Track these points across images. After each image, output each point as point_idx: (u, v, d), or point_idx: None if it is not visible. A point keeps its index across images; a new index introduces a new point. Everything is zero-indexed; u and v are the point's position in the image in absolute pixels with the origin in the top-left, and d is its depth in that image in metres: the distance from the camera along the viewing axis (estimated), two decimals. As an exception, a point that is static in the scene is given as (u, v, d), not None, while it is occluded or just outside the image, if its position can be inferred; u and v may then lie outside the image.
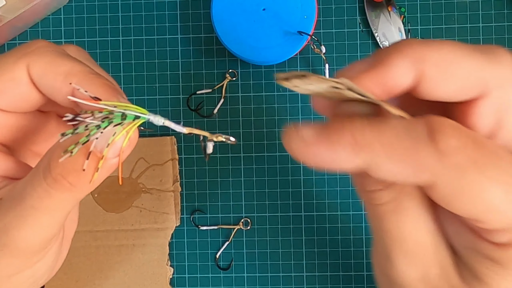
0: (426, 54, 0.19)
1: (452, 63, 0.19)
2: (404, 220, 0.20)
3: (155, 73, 0.53)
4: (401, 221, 0.20)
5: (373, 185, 0.20)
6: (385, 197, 0.20)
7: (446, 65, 0.19)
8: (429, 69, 0.19)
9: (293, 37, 0.49)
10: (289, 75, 0.19)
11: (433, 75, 0.19)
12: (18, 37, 0.54)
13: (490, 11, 0.52)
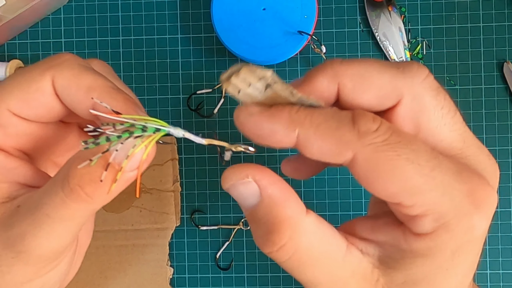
0: (342, 70, 0.23)
1: (364, 76, 0.23)
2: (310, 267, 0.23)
3: (155, 73, 0.53)
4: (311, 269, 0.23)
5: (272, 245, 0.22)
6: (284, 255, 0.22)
7: (359, 78, 0.23)
8: (344, 81, 0.23)
9: (293, 37, 0.49)
10: (230, 72, 0.22)
11: (348, 85, 0.23)
12: (17, 37, 0.54)
13: (491, 11, 0.52)
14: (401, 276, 0.23)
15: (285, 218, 0.22)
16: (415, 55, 0.52)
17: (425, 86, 0.23)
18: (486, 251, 0.51)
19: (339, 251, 0.23)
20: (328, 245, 0.23)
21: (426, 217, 0.22)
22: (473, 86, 0.52)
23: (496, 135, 0.51)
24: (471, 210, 0.22)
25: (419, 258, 0.22)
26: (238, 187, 0.23)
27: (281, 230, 0.22)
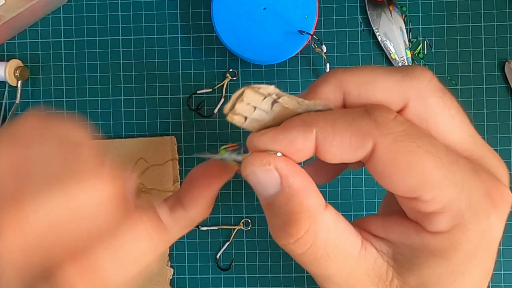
0: (346, 79, 0.23)
1: (369, 82, 0.23)
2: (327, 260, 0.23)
3: (155, 73, 0.53)
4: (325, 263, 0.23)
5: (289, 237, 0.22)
6: (301, 248, 0.22)
7: (364, 85, 0.23)
8: (349, 89, 0.23)
9: (294, 37, 0.49)
10: (232, 101, 0.22)
11: (353, 93, 0.23)
12: (17, 37, 0.54)
13: (492, 10, 0.51)
14: (414, 277, 0.22)
15: (305, 209, 0.22)
16: (416, 55, 0.52)
17: (430, 89, 0.23)
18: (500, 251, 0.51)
19: (354, 248, 0.23)
20: (345, 241, 0.22)
21: (443, 214, 0.21)
22: (475, 86, 0.52)
23: (498, 135, 0.51)
24: (489, 210, 0.21)
25: (433, 258, 0.22)
26: (258, 173, 0.22)
27: (300, 221, 0.22)
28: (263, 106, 0.22)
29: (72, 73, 0.54)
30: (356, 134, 0.21)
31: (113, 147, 0.52)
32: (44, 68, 0.54)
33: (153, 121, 0.53)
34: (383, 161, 0.21)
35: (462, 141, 0.23)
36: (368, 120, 0.21)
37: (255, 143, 0.22)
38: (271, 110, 0.22)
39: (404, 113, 0.23)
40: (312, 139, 0.21)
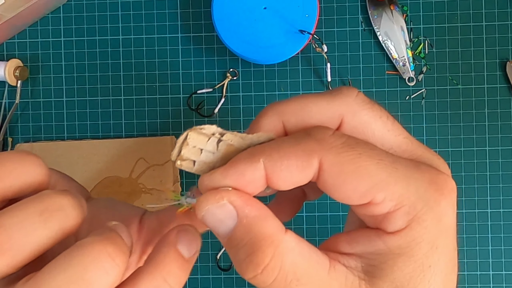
0: (283, 109, 0.25)
1: (301, 108, 0.25)
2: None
3: (155, 72, 0.53)
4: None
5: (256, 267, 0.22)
6: (270, 277, 0.22)
7: (299, 111, 0.25)
8: (287, 118, 0.25)
9: (295, 36, 0.48)
10: (178, 147, 0.23)
11: (291, 120, 0.25)
12: (17, 36, 0.54)
13: (494, 10, 0.51)
14: (387, 284, 0.23)
15: (266, 236, 0.22)
16: (417, 54, 0.52)
17: (359, 102, 0.25)
18: (488, 251, 0.51)
19: (323, 267, 0.23)
20: (312, 261, 0.23)
21: (397, 211, 0.22)
22: (476, 86, 0.51)
23: (499, 135, 0.51)
24: (437, 197, 0.23)
25: (400, 258, 0.22)
26: (213, 210, 0.22)
27: (263, 249, 0.22)
28: (209, 147, 0.23)
29: (72, 72, 0.53)
30: (301, 155, 0.22)
31: (113, 147, 0.52)
32: (44, 67, 0.54)
33: (153, 121, 0.53)
34: (331, 175, 0.22)
35: (399, 144, 0.25)
36: (309, 139, 0.22)
37: (206, 182, 0.23)
38: (217, 150, 0.23)
39: (341, 129, 0.25)
40: (260, 168, 0.22)
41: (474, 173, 0.51)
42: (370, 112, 0.25)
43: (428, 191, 0.22)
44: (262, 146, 0.23)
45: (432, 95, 0.52)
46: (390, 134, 0.25)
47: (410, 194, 0.22)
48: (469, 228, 0.51)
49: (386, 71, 0.52)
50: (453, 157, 0.51)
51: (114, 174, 0.52)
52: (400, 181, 0.22)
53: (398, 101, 0.52)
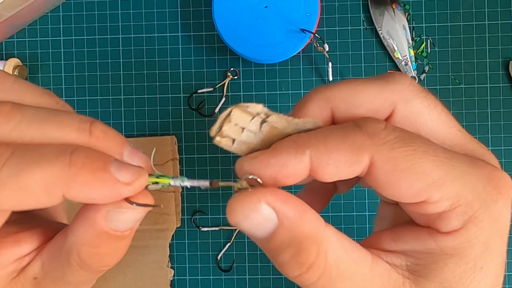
0: (332, 94, 0.23)
1: (351, 95, 0.23)
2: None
3: (156, 72, 0.53)
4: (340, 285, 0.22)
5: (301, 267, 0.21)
6: (314, 275, 0.21)
7: (350, 97, 0.23)
8: (335, 104, 0.23)
9: (296, 35, 0.48)
10: (219, 123, 0.21)
11: (340, 107, 0.23)
12: (16, 35, 0.53)
13: (496, 9, 0.51)
14: (434, 284, 0.22)
15: (308, 235, 0.21)
16: (419, 54, 0.51)
17: (412, 90, 0.23)
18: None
19: (365, 263, 0.22)
20: (353, 256, 0.22)
21: (454, 211, 0.21)
22: (478, 85, 0.51)
23: (502, 135, 0.51)
24: (495, 196, 0.21)
25: (451, 259, 0.21)
26: (251, 216, 0.21)
27: (307, 248, 0.21)
28: (251, 127, 0.22)
29: (72, 72, 0.53)
30: (351, 149, 0.21)
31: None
32: (43, 67, 0.53)
33: (153, 120, 0.52)
34: (383, 172, 0.21)
35: (453, 137, 0.24)
36: (360, 133, 0.21)
37: (246, 168, 0.21)
38: (259, 131, 0.22)
39: (392, 119, 0.23)
40: (305, 160, 0.21)
41: (477, 173, 0.51)
42: (424, 101, 0.23)
43: (485, 189, 0.21)
44: (308, 136, 0.21)
45: (434, 94, 0.51)
46: (443, 126, 0.23)
47: (467, 192, 0.21)
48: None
49: (388, 70, 0.51)
50: (456, 157, 0.51)
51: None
52: (457, 179, 0.21)
53: (400, 100, 0.51)
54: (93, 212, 0.21)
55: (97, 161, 0.20)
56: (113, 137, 0.22)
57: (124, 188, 0.20)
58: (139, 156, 0.22)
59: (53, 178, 0.19)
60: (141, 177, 0.21)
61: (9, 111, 0.20)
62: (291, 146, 0.21)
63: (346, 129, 0.21)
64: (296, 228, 0.21)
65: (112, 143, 0.22)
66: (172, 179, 0.22)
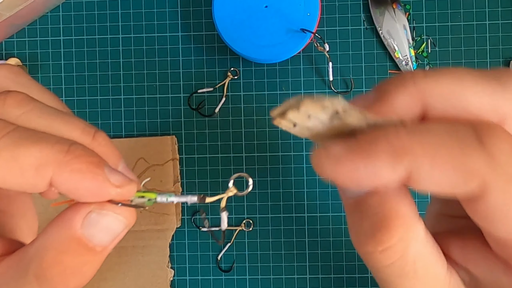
0: (428, 87, 0.19)
1: (458, 95, 0.18)
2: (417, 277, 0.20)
3: (156, 72, 0.52)
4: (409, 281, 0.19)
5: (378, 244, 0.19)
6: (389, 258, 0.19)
7: (452, 98, 0.18)
8: (433, 102, 0.19)
9: (296, 35, 0.48)
10: (284, 108, 0.18)
11: (438, 108, 0.19)
12: (16, 35, 0.53)
13: (497, 8, 0.51)
14: None
15: (400, 215, 0.18)
16: (420, 53, 0.51)
17: None
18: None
19: (441, 270, 0.20)
20: (434, 259, 0.19)
21: None
22: (479, 85, 0.51)
23: (503, 135, 0.51)
24: None
25: None
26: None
27: (394, 228, 0.18)
28: (320, 117, 0.18)
29: (71, 72, 0.53)
30: (462, 170, 0.17)
31: (112, 147, 0.52)
32: (43, 66, 0.53)
33: (154, 120, 0.52)
34: (492, 204, 0.17)
35: None
36: (480, 153, 0.17)
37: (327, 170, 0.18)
38: (329, 122, 0.19)
39: None
40: (402, 171, 0.17)
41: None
42: None
43: None
44: (409, 139, 0.17)
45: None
46: None
47: None
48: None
49: (388, 70, 0.51)
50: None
51: (114, 174, 0.52)
52: None
53: (400, 100, 0.51)
54: (71, 213, 0.20)
55: (94, 157, 0.20)
56: (113, 149, 0.22)
57: (112, 189, 0.20)
58: (132, 174, 0.22)
59: (47, 157, 0.19)
60: (131, 184, 0.20)
61: (22, 99, 0.21)
62: (387, 151, 0.17)
63: (463, 142, 0.17)
64: (391, 202, 0.18)
65: (111, 154, 0.22)
66: (159, 195, 0.22)
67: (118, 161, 0.22)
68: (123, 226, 0.21)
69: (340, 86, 0.52)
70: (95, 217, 0.20)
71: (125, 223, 0.21)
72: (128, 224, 0.21)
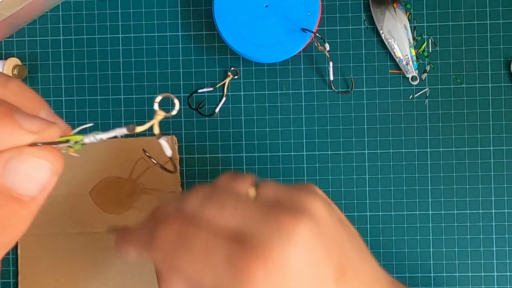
0: None
1: None
2: None
3: (156, 71, 0.52)
4: None
5: None
6: None
7: None
8: None
9: (297, 35, 0.48)
10: None
11: None
12: (15, 35, 0.53)
13: (498, 8, 0.51)
14: None
15: None
16: (420, 53, 0.51)
17: None
18: (493, 252, 0.50)
19: None
20: None
21: None
22: (480, 85, 0.51)
23: (504, 135, 0.50)
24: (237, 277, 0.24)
25: None
26: None
27: None
28: None
29: (71, 71, 0.53)
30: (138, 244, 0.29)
31: (113, 147, 0.51)
32: (43, 66, 0.53)
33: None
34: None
35: None
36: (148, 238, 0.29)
37: None
38: None
39: None
40: None
41: (479, 173, 0.51)
42: None
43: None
44: None
45: (435, 94, 0.51)
46: None
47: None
48: (474, 229, 0.50)
49: (389, 70, 0.51)
50: (457, 157, 0.51)
51: (114, 174, 0.52)
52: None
53: (401, 100, 0.51)
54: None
55: (1, 106, 0.18)
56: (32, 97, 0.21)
57: (26, 135, 0.18)
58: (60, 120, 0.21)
59: None
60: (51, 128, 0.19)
61: None
62: None
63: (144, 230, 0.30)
64: None
65: (28, 101, 0.21)
66: (86, 135, 0.21)
67: (40, 108, 0.21)
68: (49, 172, 0.19)
69: (341, 86, 0.51)
70: (15, 163, 0.18)
71: (50, 168, 0.19)
72: (55, 170, 0.20)
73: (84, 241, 0.51)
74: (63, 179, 0.51)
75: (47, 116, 0.21)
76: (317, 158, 0.51)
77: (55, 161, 0.20)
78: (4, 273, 0.52)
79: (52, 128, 0.19)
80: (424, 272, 0.51)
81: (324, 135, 0.51)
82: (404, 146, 0.51)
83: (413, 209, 0.51)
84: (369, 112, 0.51)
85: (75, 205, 0.52)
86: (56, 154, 0.20)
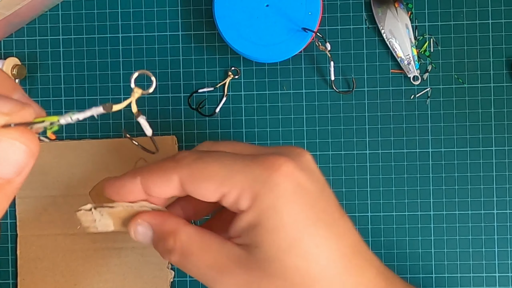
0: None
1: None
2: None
3: (156, 71, 0.52)
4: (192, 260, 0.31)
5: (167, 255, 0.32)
6: (175, 258, 0.31)
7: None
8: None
9: (297, 34, 0.48)
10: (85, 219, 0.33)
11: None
12: (14, 34, 0.53)
13: (500, 7, 0.50)
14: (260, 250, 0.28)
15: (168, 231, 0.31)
16: (422, 53, 0.51)
17: None
18: (495, 253, 0.50)
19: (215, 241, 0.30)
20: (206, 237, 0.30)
21: (242, 195, 0.28)
22: (482, 85, 0.51)
23: (506, 135, 0.50)
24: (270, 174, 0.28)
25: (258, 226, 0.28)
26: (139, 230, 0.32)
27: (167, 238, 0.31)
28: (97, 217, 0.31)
29: (71, 71, 0.53)
30: (164, 172, 0.30)
31: (113, 147, 0.51)
32: (42, 66, 0.53)
33: (154, 120, 0.52)
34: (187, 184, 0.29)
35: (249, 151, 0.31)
36: (171, 160, 0.30)
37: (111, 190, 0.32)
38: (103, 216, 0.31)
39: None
40: (137, 182, 0.30)
41: (480, 174, 0.50)
42: None
43: (262, 172, 0.28)
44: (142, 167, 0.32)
45: (437, 94, 0.51)
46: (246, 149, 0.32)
47: (247, 179, 0.28)
48: (475, 230, 0.50)
49: (390, 70, 0.51)
50: (459, 157, 0.50)
51: (114, 174, 0.51)
52: (239, 173, 0.28)
53: (403, 100, 0.51)
54: None
55: None
56: (3, 80, 0.21)
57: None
58: (34, 103, 0.22)
59: None
60: (24, 110, 0.19)
61: None
62: (129, 173, 0.31)
63: (163, 160, 0.31)
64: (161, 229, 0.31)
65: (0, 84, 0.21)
66: (61, 116, 0.21)
67: (12, 91, 0.22)
68: (24, 154, 0.19)
69: (342, 86, 0.51)
70: None
71: (25, 150, 0.19)
72: (31, 152, 0.19)
73: (83, 242, 0.51)
74: (62, 180, 0.51)
75: (21, 99, 0.21)
76: (318, 158, 0.51)
77: (30, 143, 0.19)
78: (3, 273, 0.52)
79: (25, 110, 0.19)
80: (426, 273, 0.50)
81: (325, 135, 0.51)
82: (405, 146, 0.51)
83: (414, 210, 0.51)
84: (370, 112, 0.51)
85: (75, 206, 0.51)
86: (31, 136, 0.20)
